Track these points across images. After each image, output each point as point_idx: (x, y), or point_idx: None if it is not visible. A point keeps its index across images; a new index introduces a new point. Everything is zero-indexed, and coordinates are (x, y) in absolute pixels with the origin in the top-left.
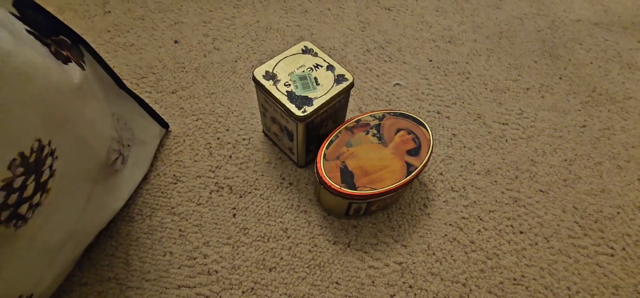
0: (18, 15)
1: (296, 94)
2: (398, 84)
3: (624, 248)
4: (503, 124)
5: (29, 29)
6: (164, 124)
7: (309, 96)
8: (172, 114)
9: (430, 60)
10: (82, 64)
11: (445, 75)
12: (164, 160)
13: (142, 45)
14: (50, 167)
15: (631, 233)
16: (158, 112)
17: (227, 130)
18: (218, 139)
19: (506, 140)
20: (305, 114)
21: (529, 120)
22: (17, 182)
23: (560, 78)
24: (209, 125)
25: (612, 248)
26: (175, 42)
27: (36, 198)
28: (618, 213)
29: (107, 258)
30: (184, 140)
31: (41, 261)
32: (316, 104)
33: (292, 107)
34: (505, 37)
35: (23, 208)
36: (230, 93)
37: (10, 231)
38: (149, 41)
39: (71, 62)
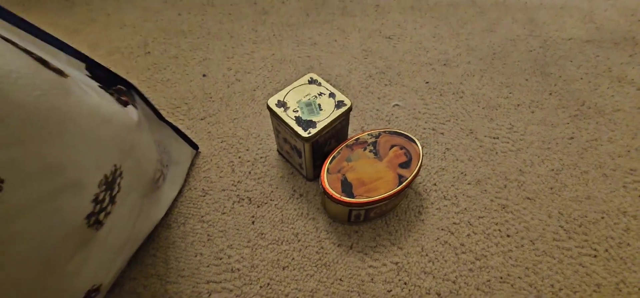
0: (90, 75)
1: (303, 118)
2: (397, 105)
3: (606, 250)
4: (494, 138)
5: (100, 85)
6: (195, 146)
7: (314, 120)
8: (201, 137)
9: (427, 82)
10: (135, 105)
11: (441, 95)
12: (194, 176)
13: (176, 80)
14: (119, 184)
15: (614, 236)
16: (189, 137)
17: (247, 150)
18: (239, 157)
19: (496, 152)
20: (310, 135)
21: (519, 134)
22: (101, 196)
23: (550, 94)
24: (232, 146)
25: (595, 249)
26: (204, 75)
27: (109, 208)
28: (602, 217)
29: (150, 258)
30: (211, 160)
31: (109, 258)
32: (319, 126)
33: (299, 130)
34: (498, 58)
35: (101, 216)
36: (249, 118)
37: (92, 232)
38: (182, 76)
39: (129, 105)
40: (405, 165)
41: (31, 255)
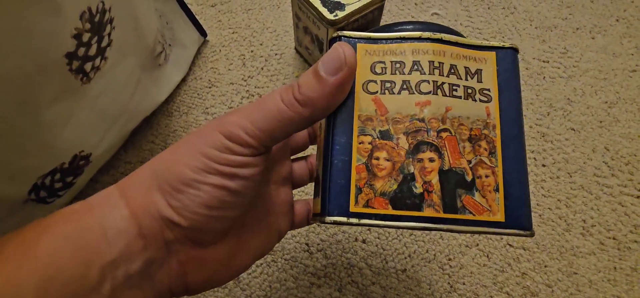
0: None
1: None
2: (436, 13)
3: None
4: (543, 61)
5: None
6: (203, 33)
7: (342, 2)
8: (210, 26)
9: None
10: None
11: (489, 8)
12: (200, 66)
13: None
14: (109, 35)
15: None
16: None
17: (261, 44)
18: (252, 51)
19: (544, 77)
20: (336, 17)
21: (573, 59)
22: (85, 37)
23: (617, 20)
24: (244, 39)
25: (639, 190)
26: None
27: (97, 62)
28: None
29: (148, 144)
30: (220, 50)
31: (100, 126)
32: (348, 9)
33: (325, 11)
34: None
35: (87, 66)
36: (266, 10)
37: (77, 83)
38: None
39: None
40: None
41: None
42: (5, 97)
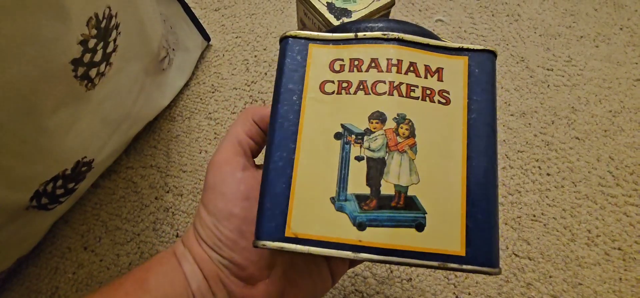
0: None
1: (336, 5)
2: (440, 20)
3: None
4: (547, 69)
5: None
6: (206, 37)
7: (349, 8)
8: (214, 30)
9: None
10: None
11: (493, 15)
12: (204, 70)
13: None
14: (115, 40)
15: None
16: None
17: (265, 49)
18: (255, 56)
19: (548, 85)
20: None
21: (577, 68)
22: (91, 43)
23: (621, 28)
24: (248, 44)
25: None
26: None
27: (102, 68)
28: None
29: (150, 150)
30: (223, 55)
31: (103, 131)
32: (355, 16)
33: (331, 18)
34: None
35: (92, 72)
36: (270, 15)
37: (82, 90)
38: None
39: None
40: None
41: (4, 85)
42: (9, 105)
